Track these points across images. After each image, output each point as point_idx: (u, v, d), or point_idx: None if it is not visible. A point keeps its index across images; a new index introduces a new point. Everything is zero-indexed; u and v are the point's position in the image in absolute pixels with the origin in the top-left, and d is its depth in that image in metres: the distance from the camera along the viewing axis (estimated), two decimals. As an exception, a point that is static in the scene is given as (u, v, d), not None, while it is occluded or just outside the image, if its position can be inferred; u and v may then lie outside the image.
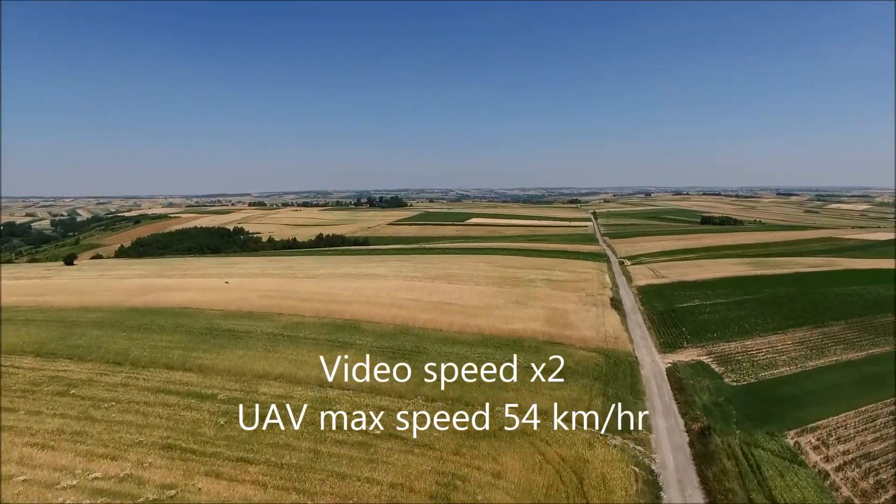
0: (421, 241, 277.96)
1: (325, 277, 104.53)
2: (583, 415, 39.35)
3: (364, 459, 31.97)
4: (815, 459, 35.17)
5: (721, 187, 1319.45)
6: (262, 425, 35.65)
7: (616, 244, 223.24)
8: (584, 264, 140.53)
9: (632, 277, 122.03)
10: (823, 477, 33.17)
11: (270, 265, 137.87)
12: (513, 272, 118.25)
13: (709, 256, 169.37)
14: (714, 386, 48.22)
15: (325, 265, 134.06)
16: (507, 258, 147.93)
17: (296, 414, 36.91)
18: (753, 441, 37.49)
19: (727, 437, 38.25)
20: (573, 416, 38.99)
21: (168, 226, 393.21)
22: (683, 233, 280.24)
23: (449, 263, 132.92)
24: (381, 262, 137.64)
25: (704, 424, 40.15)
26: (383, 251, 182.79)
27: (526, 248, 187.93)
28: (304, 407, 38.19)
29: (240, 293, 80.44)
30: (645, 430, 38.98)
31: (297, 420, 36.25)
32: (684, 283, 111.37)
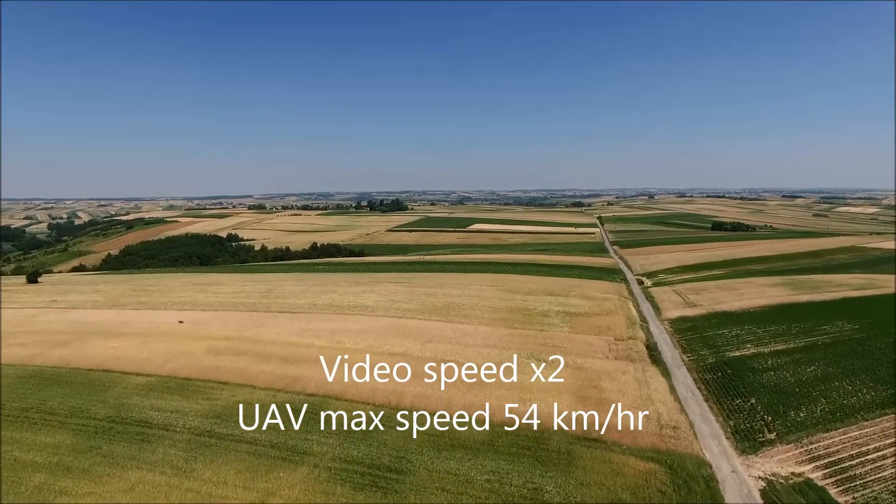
0: (420, 251, 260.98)
1: (301, 311, 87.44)
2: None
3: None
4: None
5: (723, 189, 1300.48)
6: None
7: (629, 255, 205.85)
8: (602, 286, 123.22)
9: (658, 306, 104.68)
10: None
11: (248, 287, 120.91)
12: (522, 299, 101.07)
13: (735, 273, 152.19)
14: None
15: (308, 287, 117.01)
16: (514, 278, 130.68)
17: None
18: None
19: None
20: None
21: (161, 231, 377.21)
22: (697, 241, 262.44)
23: (449, 286, 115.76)
24: (373, 284, 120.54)
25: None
26: (377, 266, 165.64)
27: (534, 263, 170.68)
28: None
29: (186, 343, 63.48)
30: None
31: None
32: (722, 314, 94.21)
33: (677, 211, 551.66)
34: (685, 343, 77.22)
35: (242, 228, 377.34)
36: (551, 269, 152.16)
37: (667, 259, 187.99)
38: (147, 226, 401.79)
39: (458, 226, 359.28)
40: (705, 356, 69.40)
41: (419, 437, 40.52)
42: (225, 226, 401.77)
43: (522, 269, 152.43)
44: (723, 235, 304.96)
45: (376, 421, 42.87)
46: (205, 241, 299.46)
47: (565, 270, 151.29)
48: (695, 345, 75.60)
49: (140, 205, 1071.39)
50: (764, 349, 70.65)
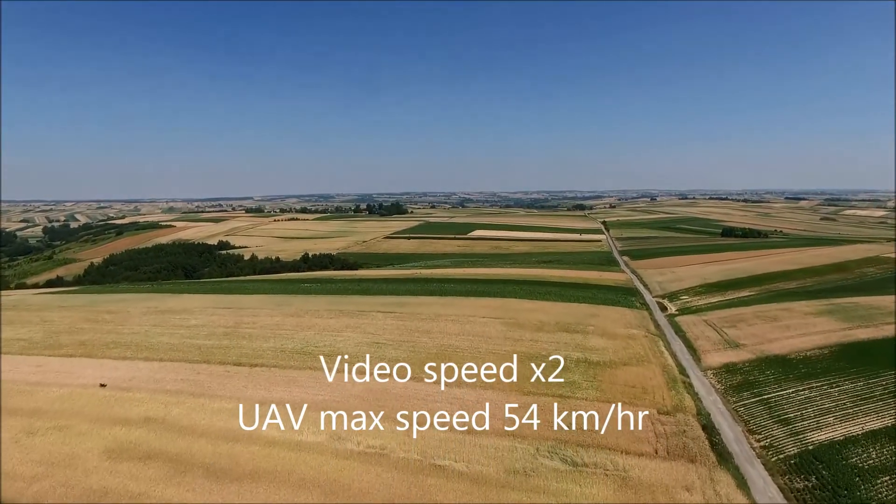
0: (418, 261, 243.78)
1: (263, 363, 70.21)
2: None
3: None
4: None
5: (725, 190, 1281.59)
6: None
7: (642, 269, 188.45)
8: (622, 315, 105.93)
9: (693, 345, 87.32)
10: None
11: (215, 317, 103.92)
12: (531, 340, 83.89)
13: (767, 294, 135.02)
14: None
15: (284, 320, 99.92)
16: (520, 305, 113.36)
17: None
18: None
19: None
20: None
21: (152, 238, 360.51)
22: (711, 250, 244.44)
23: (447, 318, 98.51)
24: (359, 314, 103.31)
25: None
26: (369, 284, 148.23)
27: (541, 279, 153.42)
28: None
29: (83, 436, 46.24)
30: None
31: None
32: (775, 359, 77.10)
33: (682, 214, 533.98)
34: (745, 412, 59.85)
35: (235, 235, 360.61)
36: (561, 290, 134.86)
37: (685, 274, 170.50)
38: (138, 232, 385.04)
39: (458, 232, 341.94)
40: (781, 440, 52.01)
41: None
42: (218, 231, 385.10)
43: (528, 289, 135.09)
44: (736, 243, 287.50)
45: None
46: (193, 249, 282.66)
47: (577, 291, 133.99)
48: (759, 416, 58.24)
49: (139, 207, 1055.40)
50: (855, 428, 53.34)
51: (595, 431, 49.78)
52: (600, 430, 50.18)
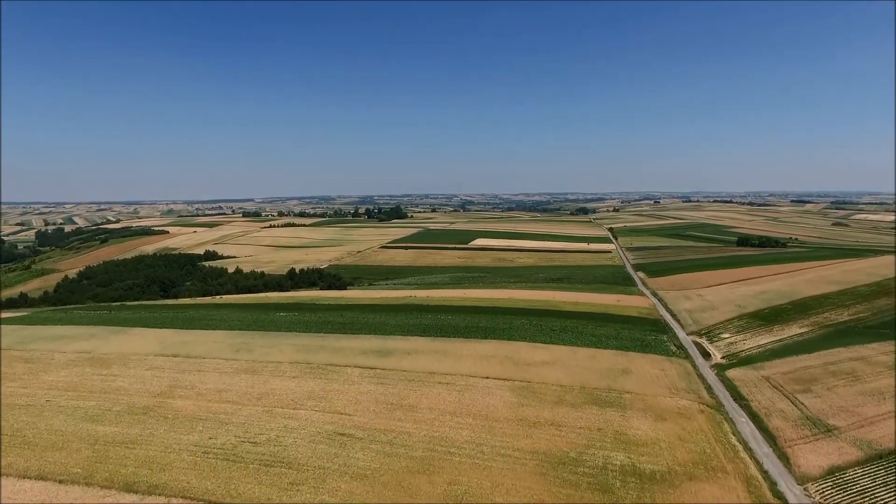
0: (415, 276, 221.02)
1: (174, 469, 47.57)
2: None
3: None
4: None
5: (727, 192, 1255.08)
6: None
7: (664, 291, 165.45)
8: (662, 371, 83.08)
9: (769, 428, 64.35)
10: None
11: (151, 372, 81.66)
12: (554, 425, 61.23)
13: (823, 330, 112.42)
14: None
15: (233, 380, 77.51)
16: (532, 353, 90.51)
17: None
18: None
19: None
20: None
21: (138, 246, 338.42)
22: (733, 264, 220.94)
23: (440, 381, 75.89)
24: (330, 371, 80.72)
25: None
26: (353, 317, 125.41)
27: (553, 309, 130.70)
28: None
29: None
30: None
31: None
32: (892, 458, 54.41)
33: (690, 220, 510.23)
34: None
35: (225, 243, 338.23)
36: (578, 324, 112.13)
37: (715, 299, 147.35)
38: (124, 239, 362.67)
39: (458, 240, 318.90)
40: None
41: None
42: (208, 239, 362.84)
43: (539, 324, 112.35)
44: (756, 255, 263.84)
45: None
46: (175, 261, 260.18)
47: (597, 326, 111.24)
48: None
49: (139, 209, 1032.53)
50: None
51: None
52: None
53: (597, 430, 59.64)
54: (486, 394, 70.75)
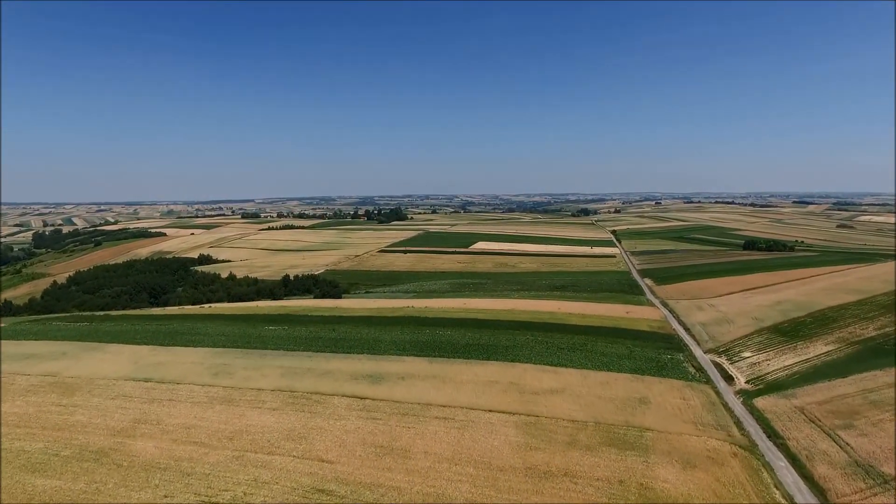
0: (414, 282, 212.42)
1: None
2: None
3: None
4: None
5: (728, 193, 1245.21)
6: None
7: (674, 300, 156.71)
8: (684, 401, 74.48)
9: (813, 477, 55.67)
10: None
11: (112, 406, 73.20)
12: (568, 476, 52.64)
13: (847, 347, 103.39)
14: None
15: (203, 415, 68.96)
16: (539, 380, 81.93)
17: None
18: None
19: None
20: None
21: (132, 249, 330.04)
22: (742, 270, 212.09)
23: (438, 418, 67.29)
24: (311, 409, 72.15)
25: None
26: (344, 333, 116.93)
27: (560, 321, 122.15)
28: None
29: None
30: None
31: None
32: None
33: (693, 222, 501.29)
34: None
35: (221, 246, 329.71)
36: (587, 341, 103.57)
37: (729, 309, 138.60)
38: (118, 242, 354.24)
39: (459, 244, 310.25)
40: None
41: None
42: (205, 242, 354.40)
43: (545, 341, 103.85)
44: (765, 259, 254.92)
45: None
46: (167, 266, 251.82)
47: (608, 344, 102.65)
48: None
49: (139, 210, 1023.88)
50: None
51: None
52: None
53: (618, 484, 50.97)
54: (488, 432, 62.10)
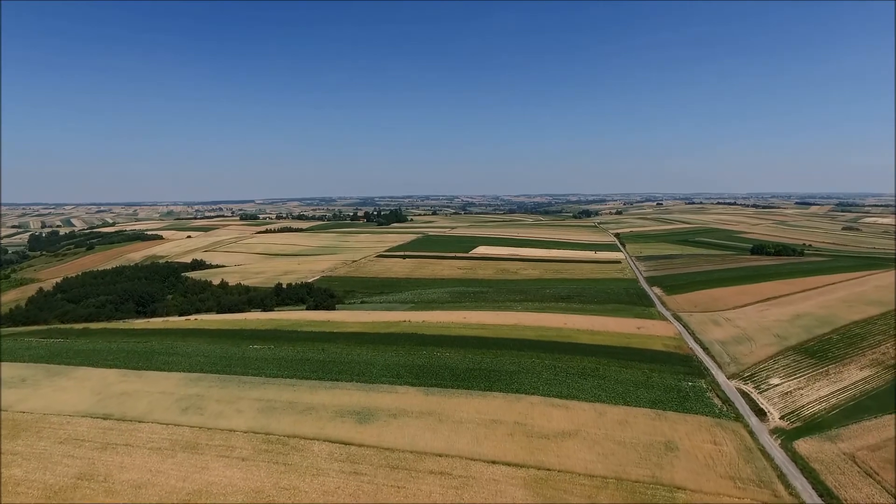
0: (412, 290, 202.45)
1: None
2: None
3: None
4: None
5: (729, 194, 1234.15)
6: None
7: (687, 314, 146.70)
8: (717, 447, 64.53)
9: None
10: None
11: (62, 453, 63.49)
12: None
13: (886, 373, 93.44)
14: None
15: (159, 468, 59.15)
16: (549, 418, 72.03)
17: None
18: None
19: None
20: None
21: (125, 252, 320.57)
22: (753, 278, 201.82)
23: (433, 473, 57.46)
24: (286, 458, 62.37)
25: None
26: (335, 354, 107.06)
27: (567, 339, 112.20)
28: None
29: None
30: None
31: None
32: None
33: (697, 224, 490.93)
34: None
35: (216, 250, 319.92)
36: (598, 366, 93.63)
37: (748, 325, 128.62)
38: (111, 245, 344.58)
39: (459, 248, 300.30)
40: None
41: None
42: (200, 245, 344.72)
43: (553, 365, 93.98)
44: (774, 265, 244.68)
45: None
46: (157, 273, 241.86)
47: (622, 369, 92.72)
48: None
49: (138, 211, 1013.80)
50: None
51: None
52: None
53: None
54: (493, 494, 52.16)
